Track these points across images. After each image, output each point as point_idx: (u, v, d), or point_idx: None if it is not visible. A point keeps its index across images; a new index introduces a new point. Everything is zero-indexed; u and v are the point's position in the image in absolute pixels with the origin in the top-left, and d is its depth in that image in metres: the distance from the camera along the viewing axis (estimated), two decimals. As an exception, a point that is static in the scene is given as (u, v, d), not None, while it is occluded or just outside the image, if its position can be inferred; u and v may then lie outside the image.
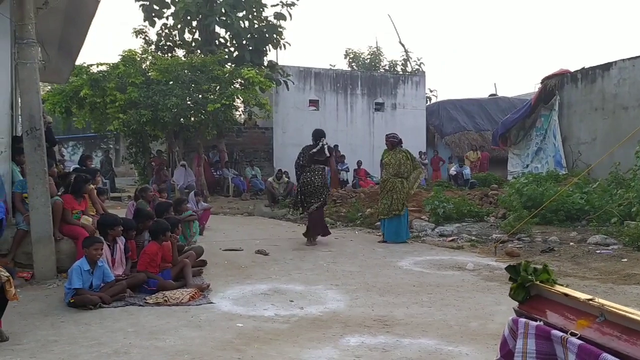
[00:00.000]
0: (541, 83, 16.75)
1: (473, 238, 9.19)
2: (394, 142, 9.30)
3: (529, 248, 8.20)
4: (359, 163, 18.55)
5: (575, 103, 15.32)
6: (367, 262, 7.32)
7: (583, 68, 15.33)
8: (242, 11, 18.16)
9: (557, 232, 9.06)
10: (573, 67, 16.00)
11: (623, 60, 13.97)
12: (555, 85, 16.00)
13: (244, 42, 18.48)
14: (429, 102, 25.32)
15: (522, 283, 2.28)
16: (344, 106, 21.14)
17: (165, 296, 5.20)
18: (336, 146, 18.96)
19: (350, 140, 20.62)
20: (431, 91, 27.36)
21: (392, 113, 21.82)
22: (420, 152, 20.58)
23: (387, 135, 9.59)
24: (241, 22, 18.14)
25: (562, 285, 2.25)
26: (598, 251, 7.59)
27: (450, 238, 9.32)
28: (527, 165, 16.80)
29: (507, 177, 17.14)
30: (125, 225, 6.04)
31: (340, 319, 4.62)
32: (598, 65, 14.74)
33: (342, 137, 20.27)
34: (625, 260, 7.01)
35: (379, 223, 9.74)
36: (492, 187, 14.89)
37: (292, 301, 5.22)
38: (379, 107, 21.72)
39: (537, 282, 2.25)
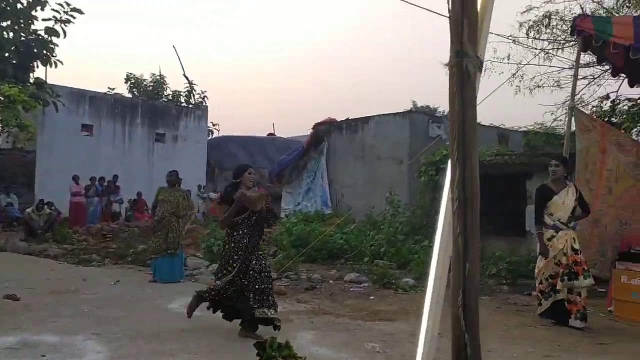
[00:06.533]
0: (313, 128, 18.27)
1: (245, 276, 9.47)
2: (174, 181, 9.25)
3: (295, 285, 8.79)
4: (139, 194, 17.78)
5: (340, 150, 17.04)
6: (135, 305, 7.04)
7: (347, 119, 17.19)
8: (7, 20, 16.25)
9: (320, 270, 9.88)
10: (344, 116, 17.81)
11: (379, 115, 16.06)
12: (325, 132, 17.61)
13: (7, 54, 16.52)
14: (210, 135, 25.60)
15: (267, 359, 2.53)
16: (122, 134, 20.19)
17: None
18: (115, 176, 17.97)
19: (128, 170, 19.69)
20: (213, 125, 27.70)
21: (174, 145, 21.55)
22: (199, 186, 20.60)
23: (169, 172, 9.49)
24: (5, 32, 16.21)
25: (301, 358, 2.54)
26: (352, 289, 8.49)
27: (223, 277, 9.46)
28: (299, 203, 18.02)
29: (280, 214, 18.12)
30: None
31: (98, 374, 4.37)
32: (359, 118, 16.67)
33: (117, 167, 19.25)
34: (373, 297, 7.96)
35: (150, 261, 9.46)
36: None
37: (43, 356, 4.76)
38: (160, 137, 21.27)
39: (280, 359, 2.52)
